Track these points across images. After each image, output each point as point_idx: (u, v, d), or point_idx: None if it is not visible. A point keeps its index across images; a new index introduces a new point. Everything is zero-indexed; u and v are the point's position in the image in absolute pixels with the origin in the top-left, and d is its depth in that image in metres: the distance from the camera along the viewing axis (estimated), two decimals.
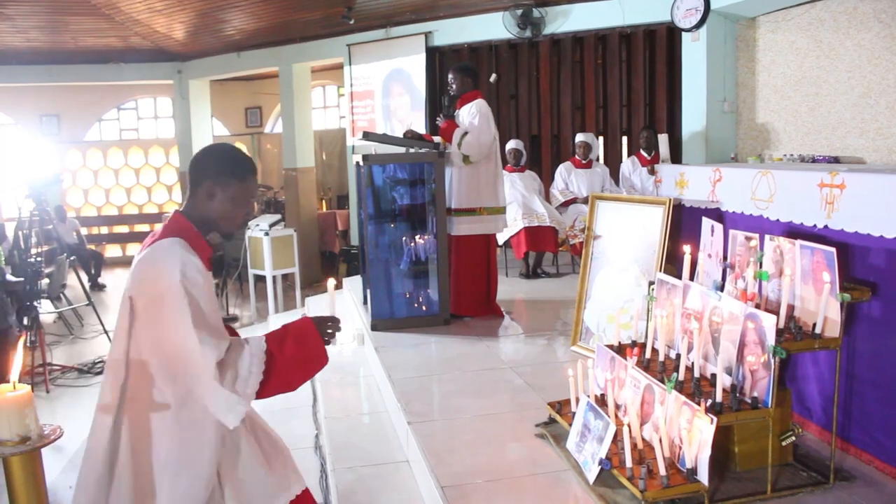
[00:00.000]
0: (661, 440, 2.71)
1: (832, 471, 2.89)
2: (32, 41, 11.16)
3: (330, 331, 2.29)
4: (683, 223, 4.31)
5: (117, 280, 12.64)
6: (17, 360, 1.70)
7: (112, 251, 14.46)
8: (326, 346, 2.26)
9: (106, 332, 5.67)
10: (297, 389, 2.22)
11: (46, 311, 8.07)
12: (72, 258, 6.80)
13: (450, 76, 5.51)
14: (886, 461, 2.98)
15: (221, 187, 2.21)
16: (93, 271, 11.53)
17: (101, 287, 11.54)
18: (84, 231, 12.75)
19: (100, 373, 6.82)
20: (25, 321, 6.23)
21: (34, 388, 1.65)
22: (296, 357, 2.17)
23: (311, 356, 2.21)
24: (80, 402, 6.13)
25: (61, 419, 5.73)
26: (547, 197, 7.43)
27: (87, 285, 7.05)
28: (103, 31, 10.90)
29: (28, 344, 6.16)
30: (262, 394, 2.08)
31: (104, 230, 14.69)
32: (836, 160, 5.90)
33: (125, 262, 14.44)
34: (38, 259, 6.49)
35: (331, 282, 2.48)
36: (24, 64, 12.06)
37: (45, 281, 7.44)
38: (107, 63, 12.34)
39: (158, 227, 2.36)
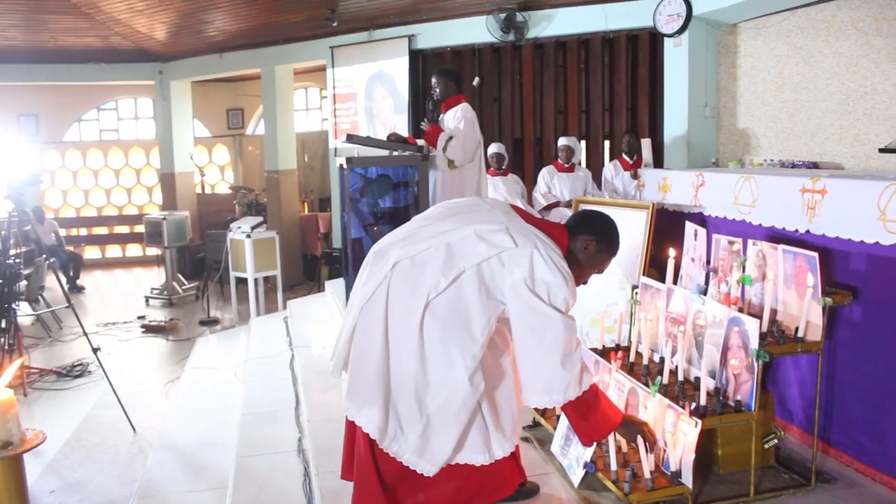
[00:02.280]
0: (645, 443, 2.72)
1: (814, 473, 2.93)
2: (10, 40, 11.03)
3: (638, 436, 2.71)
4: (666, 227, 4.34)
5: (96, 282, 12.52)
6: (9, 371, 1.68)
7: (91, 253, 14.30)
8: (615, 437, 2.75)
9: (86, 334, 5.60)
10: (575, 428, 2.64)
11: (24, 313, 7.97)
12: (50, 260, 6.71)
13: (433, 80, 5.50)
14: (867, 463, 3.02)
15: (597, 249, 2.61)
16: (72, 273, 11.41)
17: (81, 289, 11.42)
18: (63, 232, 12.62)
19: (78, 376, 6.75)
20: (3, 323, 6.14)
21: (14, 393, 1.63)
22: (605, 409, 2.58)
23: (609, 419, 2.59)
24: (58, 405, 6.06)
25: (39, 423, 5.67)
26: (529, 201, 7.44)
27: (65, 287, 6.97)
28: (83, 31, 10.79)
29: (6, 347, 6.07)
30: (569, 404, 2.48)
31: (83, 231, 14.54)
32: (815, 165, 5.97)
33: (104, 263, 14.30)
34: (16, 260, 6.40)
35: None
36: (1, 63, 11.90)
37: (24, 283, 7.35)
38: (87, 63, 12.21)
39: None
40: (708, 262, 3.47)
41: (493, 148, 7.38)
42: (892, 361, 2.92)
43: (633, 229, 4.32)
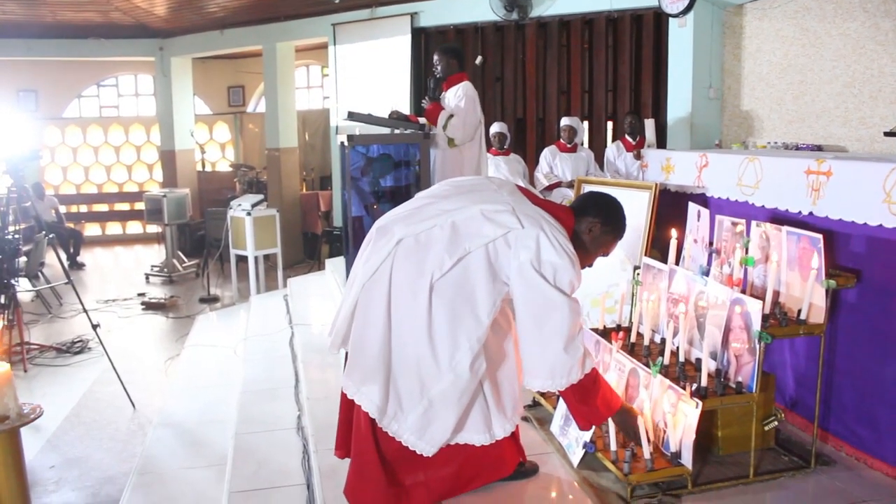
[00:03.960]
0: (645, 424, 2.71)
1: (813, 455, 2.92)
2: (9, 14, 10.92)
3: (630, 426, 2.68)
4: (669, 208, 4.31)
5: (96, 259, 12.51)
6: None
7: (91, 229, 14.28)
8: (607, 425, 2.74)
9: (86, 310, 5.59)
10: (574, 412, 2.63)
11: (24, 289, 7.96)
12: (50, 236, 6.67)
13: (435, 57, 5.46)
14: (859, 448, 3.01)
15: (602, 231, 2.60)
16: (72, 250, 11.40)
17: (81, 266, 11.40)
18: (63, 209, 12.59)
19: (78, 352, 6.74)
20: (2, 299, 6.14)
21: (11, 367, 1.63)
22: (605, 393, 2.58)
23: (609, 403, 2.59)
24: (58, 381, 6.06)
25: (39, 398, 5.68)
26: (531, 181, 7.41)
27: (65, 264, 6.97)
28: (82, 6, 10.69)
29: (6, 322, 6.06)
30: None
31: (83, 208, 14.50)
32: (819, 148, 5.92)
33: (105, 240, 14.29)
34: (16, 237, 6.38)
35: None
36: (0, 37, 11.81)
37: (23, 259, 7.34)
38: (86, 38, 12.11)
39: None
40: (710, 243, 3.45)
41: (495, 127, 7.33)
42: (891, 346, 2.91)
43: (635, 210, 4.30)
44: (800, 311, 2.84)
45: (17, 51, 12.23)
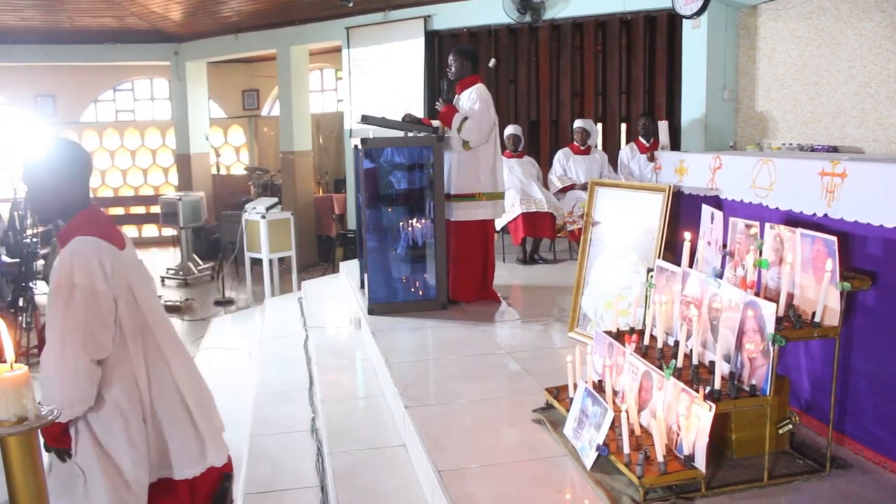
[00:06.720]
0: (658, 427, 2.71)
1: (828, 459, 2.90)
2: (28, 20, 11.06)
3: None
4: (682, 210, 4.30)
5: None
6: (8, 340, 1.69)
7: None
8: None
9: None
10: None
11: (41, 292, 8.03)
12: None
13: (450, 59, 5.48)
14: (878, 451, 2.99)
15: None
16: None
17: None
18: None
19: None
20: (21, 302, 6.20)
21: (30, 369, 1.65)
22: None
23: None
24: None
25: None
26: (545, 183, 7.41)
27: None
28: (99, 11, 10.81)
29: (24, 325, 6.13)
30: None
31: None
32: (834, 150, 5.89)
33: None
34: (34, 240, 6.46)
35: None
36: (19, 43, 11.94)
37: (41, 262, 7.41)
38: (103, 43, 12.23)
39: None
40: (724, 245, 3.43)
41: (509, 130, 7.34)
42: None
43: (648, 212, 4.29)
44: (814, 314, 2.82)
45: (35, 56, 12.36)
